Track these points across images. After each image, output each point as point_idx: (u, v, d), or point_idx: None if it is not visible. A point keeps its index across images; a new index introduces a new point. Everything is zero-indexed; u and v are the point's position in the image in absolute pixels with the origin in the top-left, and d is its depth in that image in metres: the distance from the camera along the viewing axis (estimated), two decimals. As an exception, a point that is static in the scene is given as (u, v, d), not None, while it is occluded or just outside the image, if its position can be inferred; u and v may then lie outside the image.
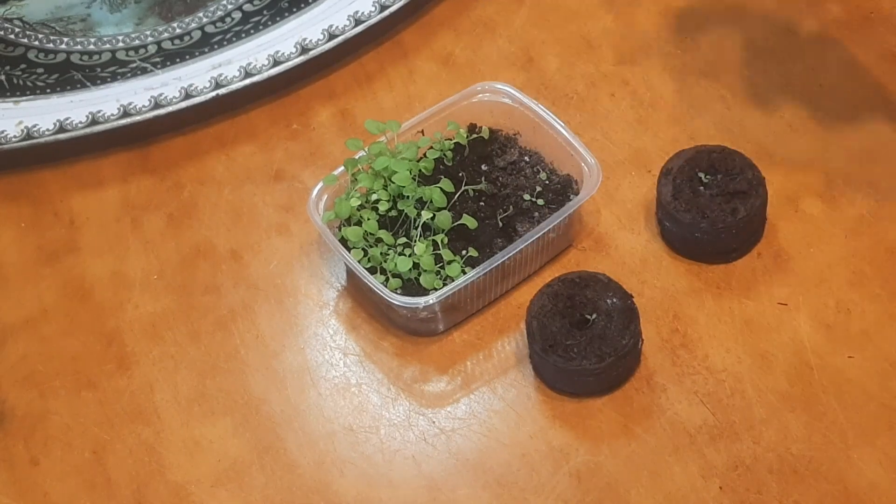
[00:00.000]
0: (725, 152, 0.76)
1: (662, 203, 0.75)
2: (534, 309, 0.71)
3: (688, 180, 0.75)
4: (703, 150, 0.76)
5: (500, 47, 0.89)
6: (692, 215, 0.74)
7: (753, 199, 0.74)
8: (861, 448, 0.67)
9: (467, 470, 0.69)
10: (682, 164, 0.76)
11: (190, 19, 0.91)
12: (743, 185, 0.74)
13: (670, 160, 0.77)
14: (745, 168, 0.75)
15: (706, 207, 0.74)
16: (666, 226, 0.76)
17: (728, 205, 0.74)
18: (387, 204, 0.74)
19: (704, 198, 0.74)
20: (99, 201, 0.84)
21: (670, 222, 0.75)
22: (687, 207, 0.74)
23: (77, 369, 0.76)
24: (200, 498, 0.70)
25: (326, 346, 0.75)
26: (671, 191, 0.75)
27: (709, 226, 0.73)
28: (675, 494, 0.67)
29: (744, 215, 0.73)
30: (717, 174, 0.75)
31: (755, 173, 0.75)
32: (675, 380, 0.71)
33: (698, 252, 0.76)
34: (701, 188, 0.75)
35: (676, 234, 0.76)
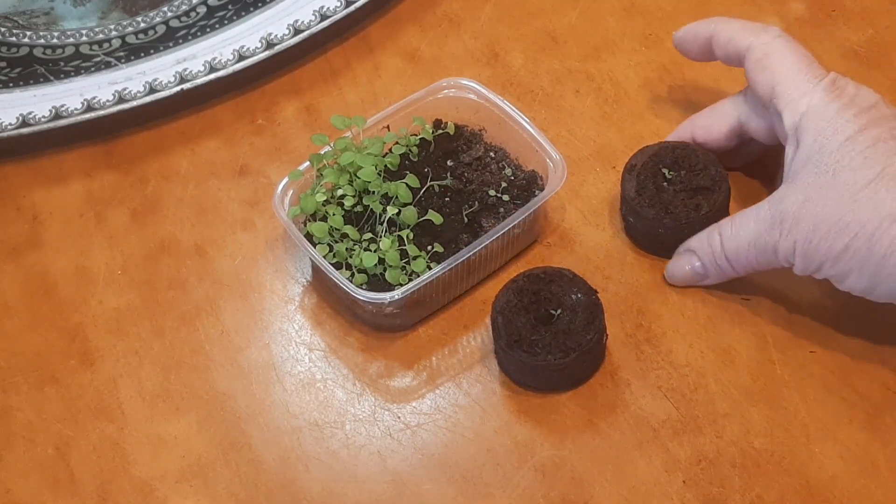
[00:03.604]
0: (689, 149, 0.76)
1: (626, 199, 0.75)
2: (499, 304, 0.71)
3: (651, 176, 0.75)
4: (667, 147, 0.76)
5: (466, 43, 0.89)
6: (655, 211, 0.74)
7: (716, 195, 0.74)
8: (822, 442, 0.68)
9: (433, 465, 0.69)
10: (646, 161, 0.76)
11: (154, 13, 0.91)
12: (706, 182, 0.74)
13: (634, 156, 0.77)
14: (708, 164, 0.75)
15: (669, 203, 0.74)
16: (630, 221, 0.77)
17: (691, 200, 0.74)
18: (352, 199, 0.74)
19: (668, 194, 0.74)
20: (62, 196, 0.83)
21: (634, 218, 0.76)
22: (650, 203, 0.74)
23: (40, 365, 0.75)
24: (165, 494, 0.69)
25: (292, 342, 0.75)
26: (635, 186, 0.75)
27: (672, 221, 0.74)
28: (639, 488, 0.67)
29: (707, 211, 0.73)
30: (680, 170, 0.75)
31: (718, 170, 0.75)
32: (640, 374, 0.71)
33: (661, 248, 0.76)
34: (664, 184, 0.75)
35: (640, 229, 0.76)
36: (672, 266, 0.75)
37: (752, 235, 0.69)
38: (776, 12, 0.89)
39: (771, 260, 0.69)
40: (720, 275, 0.73)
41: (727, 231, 0.71)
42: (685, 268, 0.74)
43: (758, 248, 0.69)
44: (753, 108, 0.75)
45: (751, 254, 0.70)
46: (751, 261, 0.70)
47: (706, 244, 0.72)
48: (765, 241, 0.68)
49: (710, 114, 0.78)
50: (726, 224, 0.71)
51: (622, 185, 0.76)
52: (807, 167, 0.67)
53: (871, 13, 0.88)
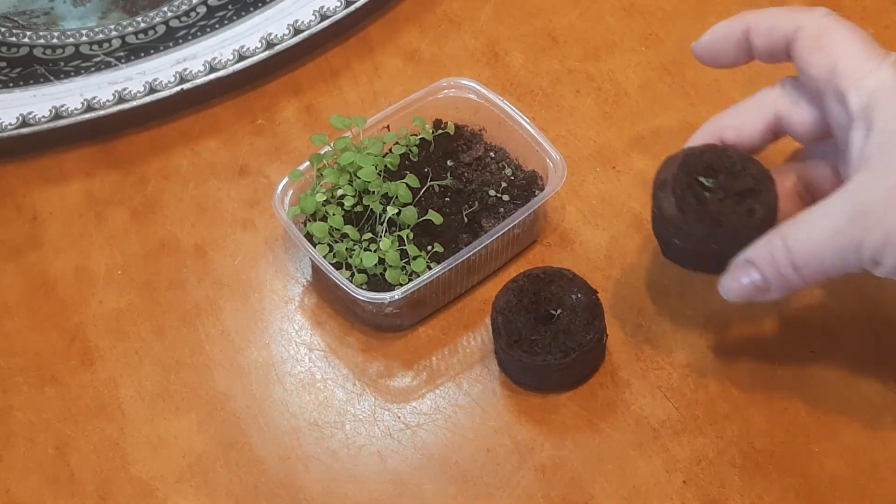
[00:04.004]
0: (719, 150, 0.67)
1: (667, 219, 0.65)
2: (499, 304, 0.71)
3: (687, 188, 0.65)
4: (693, 153, 0.67)
5: (466, 43, 0.89)
6: (705, 226, 0.64)
7: (766, 195, 0.65)
8: (822, 442, 0.68)
9: (433, 465, 0.69)
10: (676, 172, 0.66)
11: (154, 13, 0.91)
12: (750, 182, 0.65)
13: (661, 170, 0.67)
14: (746, 163, 0.66)
15: (718, 214, 0.64)
16: (674, 244, 0.67)
17: (741, 206, 0.64)
18: (352, 199, 0.74)
19: (713, 204, 0.64)
20: (62, 196, 0.83)
21: (681, 238, 0.66)
22: (697, 218, 0.64)
23: (40, 365, 0.75)
24: (165, 493, 0.69)
25: (292, 342, 0.75)
26: (674, 203, 0.65)
27: (726, 234, 0.64)
28: (640, 488, 0.67)
29: (762, 214, 0.64)
30: (717, 175, 0.65)
31: (759, 167, 0.66)
32: (640, 375, 0.71)
33: (715, 265, 0.66)
34: (706, 194, 0.65)
35: (689, 250, 0.66)
36: (727, 281, 0.65)
37: (825, 235, 0.60)
38: (776, 12, 0.88)
39: (850, 262, 0.60)
40: (784, 286, 0.63)
41: (792, 234, 0.62)
42: (743, 282, 0.64)
43: (835, 250, 0.60)
44: (797, 98, 0.67)
45: (825, 257, 0.61)
46: (824, 266, 0.61)
47: (766, 252, 0.63)
48: (844, 239, 0.60)
49: (739, 111, 0.69)
50: (789, 227, 0.62)
51: (656, 204, 0.66)
52: (885, 149, 0.59)
53: (871, 13, 0.88)
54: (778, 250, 0.62)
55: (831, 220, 0.60)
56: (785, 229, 0.62)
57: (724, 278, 0.65)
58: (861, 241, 0.59)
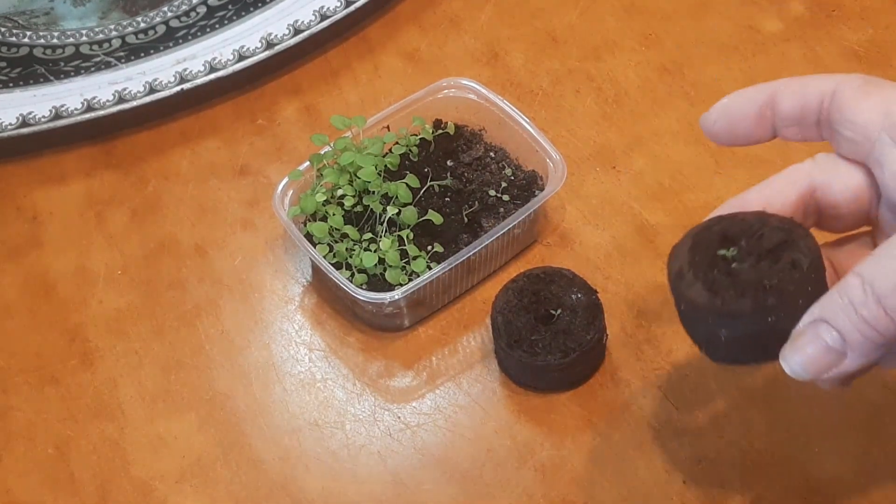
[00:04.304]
0: (725, 219, 0.56)
1: (701, 309, 0.54)
2: (499, 304, 0.71)
3: (711, 267, 0.54)
4: (700, 230, 0.56)
5: (466, 43, 0.89)
6: (751, 299, 0.52)
7: (802, 242, 0.54)
8: (822, 442, 0.68)
9: (433, 465, 0.69)
10: (690, 258, 0.55)
11: (154, 13, 0.91)
12: (777, 235, 0.54)
13: (671, 263, 0.56)
14: (762, 219, 0.55)
15: (760, 279, 0.53)
16: (721, 337, 0.55)
17: (781, 262, 0.53)
18: (352, 199, 0.74)
19: (748, 271, 0.53)
20: (62, 196, 0.83)
21: (727, 327, 0.54)
22: (738, 293, 0.53)
23: (40, 365, 0.75)
24: (165, 494, 0.69)
25: (292, 342, 0.75)
26: (703, 288, 0.54)
27: (779, 297, 0.52)
28: (640, 488, 0.67)
29: (809, 262, 0.53)
30: (737, 242, 0.55)
31: (778, 218, 0.56)
32: (640, 375, 0.71)
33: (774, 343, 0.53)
34: (733, 266, 0.54)
35: (739, 338, 0.54)
36: (791, 354, 0.53)
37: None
38: (776, 12, 0.88)
39: None
40: (867, 336, 0.51)
41: (870, 268, 0.51)
42: (811, 349, 0.52)
43: None
44: (835, 166, 0.58)
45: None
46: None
47: (838, 300, 0.51)
48: None
49: (766, 185, 0.59)
50: (864, 265, 0.51)
51: (682, 300, 0.55)
52: None
53: (871, 13, 0.88)
54: (853, 287, 0.51)
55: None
56: (860, 268, 0.51)
57: (787, 351, 0.53)
58: None
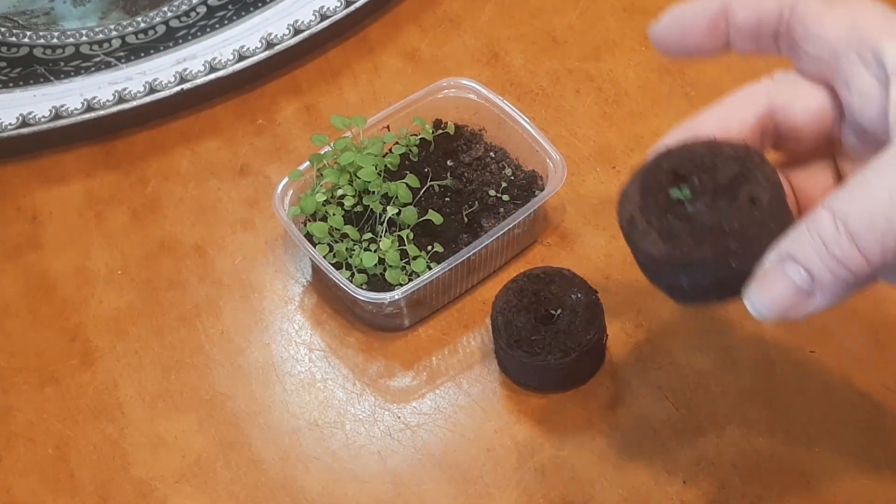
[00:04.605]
0: (676, 151, 0.52)
1: (658, 260, 0.51)
2: (499, 304, 0.71)
3: (665, 211, 0.50)
4: (648, 168, 0.53)
5: (466, 43, 0.89)
6: (709, 245, 0.49)
7: (759, 171, 0.50)
8: (823, 442, 0.68)
9: (432, 465, 0.69)
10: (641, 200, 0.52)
11: (154, 13, 0.91)
12: (733, 166, 0.50)
13: (621, 207, 0.53)
14: (714, 149, 0.51)
15: (718, 222, 0.49)
16: (682, 285, 0.52)
17: (739, 199, 0.49)
18: (352, 199, 0.74)
19: (704, 213, 0.49)
20: (62, 196, 0.83)
21: (688, 275, 0.50)
22: (696, 241, 0.49)
23: (40, 365, 0.75)
24: (164, 493, 0.69)
25: (292, 342, 0.75)
26: (658, 238, 0.50)
27: (741, 242, 0.49)
28: (640, 489, 0.67)
29: (770, 196, 0.49)
30: (689, 179, 0.51)
31: (732, 146, 0.52)
32: (640, 374, 0.71)
33: (738, 283, 0.50)
34: (688, 208, 0.50)
35: (701, 284, 0.51)
36: (757, 294, 0.50)
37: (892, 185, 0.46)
38: (776, 12, 0.88)
39: None
40: (837, 277, 0.47)
41: (841, 203, 0.46)
42: (779, 288, 0.48)
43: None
44: (796, 84, 0.54)
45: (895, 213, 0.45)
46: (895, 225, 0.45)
47: (807, 234, 0.47)
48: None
49: (721, 108, 0.55)
50: (836, 195, 0.47)
51: (637, 249, 0.52)
52: None
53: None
54: (824, 224, 0.46)
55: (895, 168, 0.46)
56: (829, 201, 0.47)
57: (752, 291, 0.50)
58: None
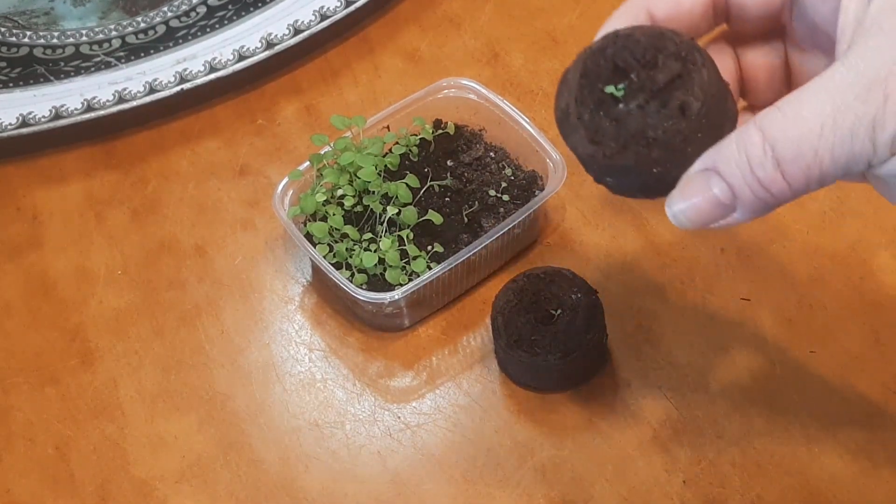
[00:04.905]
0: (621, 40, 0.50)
1: (584, 159, 0.50)
2: (499, 304, 0.71)
3: (598, 108, 0.49)
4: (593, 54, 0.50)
5: (466, 43, 0.89)
6: (632, 153, 0.48)
7: (697, 74, 0.48)
8: (823, 442, 0.68)
9: (432, 465, 0.69)
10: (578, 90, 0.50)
11: (154, 13, 0.91)
12: (673, 66, 0.48)
13: (559, 93, 0.51)
14: (659, 42, 0.49)
15: (643, 129, 0.48)
16: (608, 182, 0.51)
17: (669, 105, 0.48)
18: (352, 199, 0.74)
19: (633, 117, 0.48)
20: (62, 196, 0.83)
21: (613, 176, 0.50)
22: (620, 146, 0.48)
23: (40, 365, 0.75)
24: (165, 494, 0.69)
25: (292, 342, 0.75)
26: (587, 134, 0.49)
27: (663, 152, 0.48)
28: (640, 488, 0.67)
29: (700, 104, 0.48)
30: (629, 74, 0.49)
31: (677, 41, 0.49)
32: (640, 374, 0.71)
33: (664, 186, 0.50)
34: (621, 107, 0.48)
35: (628, 184, 0.51)
36: (677, 202, 0.49)
37: (824, 114, 0.45)
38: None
39: (857, 152, 0.45)
40: (758, 197, 0.47)
41: (771, 123, 0.46)
42: (698, 200, 0.48)
43: (838, 132, 0.45)
44: None
45: (824, 144, 0.45)
46: (822, 157, 0.45)
47: (734, 151, 0.47)
48: (851, 119, 0.45)
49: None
50: (765, 116, 0.46)
51: (567, 143, 0.51)
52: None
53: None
54: (753, 144, 0.46)
55: (831, 95, 0.45)
56: (761, 119, 0.46)
57: (674, 198, 0.49)
58: (874, 119, 0.45)
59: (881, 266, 0.74)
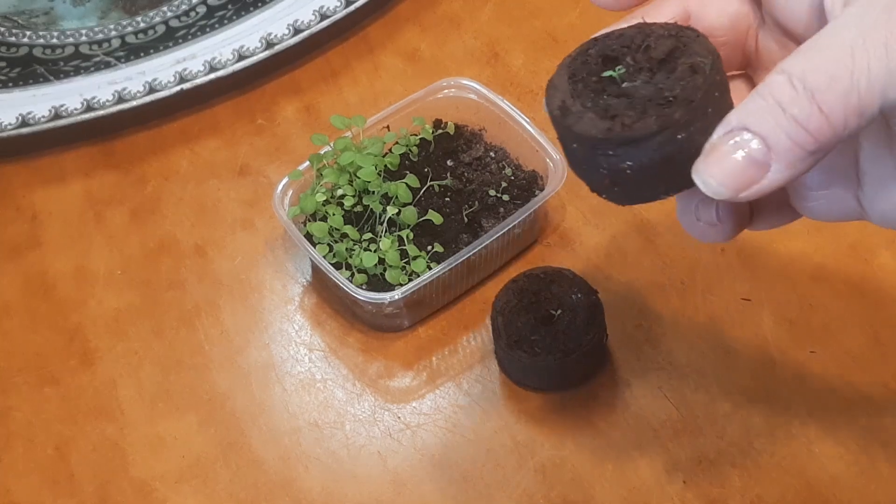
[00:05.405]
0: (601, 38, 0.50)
1: (597, 143, 0.46)
2: (499, 304, 0.71)
3: (599, 92, 0.47)
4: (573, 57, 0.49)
5: (466, 43, 0.89)
6: (652, 118, 0.45)
7: (696, 43, 0.47)
8: (823, 442, 0.68)
9: (432, 465, 0.69)
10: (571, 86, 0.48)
11: (154, 13, 0.91)
12: (667, 42, 0.47)
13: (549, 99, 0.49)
14: (643, 29, 0.49)
15: (659, 92, 0.46)
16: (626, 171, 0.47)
17: (678, 69, 0.46)
18: (352, 199, 0.74)
19: (642, 87, 0.46)
20: (62, 196, 0.83)
21: (632, 157, 0.46)
22: (638, 114, 0.45)
23: (39, 365, 0.75)
24: (164, 494, 0.69)
25: (291, 342, 0.75)
26: (595, 118, 0.46)
27: (685, 110, 0.45)
28: (640, 489, 0.67)
29: (710, 62, 0.46)
30: (622, 59, 0.48)
31: (661, 25, 0.49)
32: (640, 375, 0.71)
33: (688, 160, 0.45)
34: (624, 85, 0.47)
35: (648, 166, 0.46)
36: (709, 166, 0.45)
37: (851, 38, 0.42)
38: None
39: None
40: (795, 141, 0.43)
41: (797, 61, 0.43)
42: (732, 160, 0.44)
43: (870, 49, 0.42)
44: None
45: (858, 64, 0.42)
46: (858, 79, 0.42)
47: (760, 101, 0.43)
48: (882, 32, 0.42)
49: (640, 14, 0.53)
50: (789, 59, 0.43)
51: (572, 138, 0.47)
52: None
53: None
54: (780, 84, 0.43)
55: (854, 21, 0.42)
56: (784, 65, 0.43)
57: (701, 166, 0.45)
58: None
59: (881, 266, 0.74)
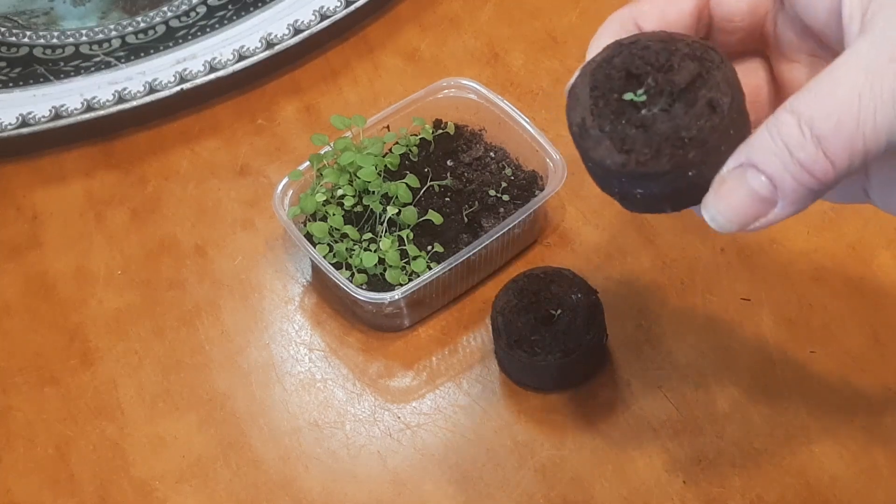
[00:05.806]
0: (626, 47, 0.49)
1: (614, 172, 0.48)
2: (499, 304, 0.71)
3: (618, 117, 0.47)
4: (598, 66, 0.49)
5: (466, 43, 0.89)
6: (668, 157, 0.46)
7: (717, 72, 0.47)
8: (823, 442, 0.68)
9: (432, 465, 0.69)
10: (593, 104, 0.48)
11: (154, 13, 0.91)
12: (690, 66, 0.47)
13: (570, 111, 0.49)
14: (669, 45, 0.48)
15: (677, 131, 0.46)
16: (637, 195, 0.49)
17: (698, 104, 0.46)
18: (352, 199, 0.74)
19: (662, 121, 0.46)
20: (62, 196, 0.83)
21: (644, 186, 0.48)
22: (654, 152, 0.46)
23: (40, 365, 0.75)
24: (165, 494, 0.69)
25: (292, 342, 0.75)
26: (612, 147, 0.47)
27: (700, 150, 0.46)
28: (640, 488, 0.67)
29: (730, 101, 0.46)
30: (644, 79, 0.48)
31: (687, 41, 0.48)
32: (640, 375, 0.71)
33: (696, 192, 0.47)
34: (643, 112, 0.47)
35: (658, 192, 0.48)
36: (715, 203, 0.47)
37: (859, 83, 0.43)
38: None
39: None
40: (801, 183, 0.45)
41: (805, 101, 0.44)
42: (739, 196, 0.46)
43: (877, 97, 0.43)
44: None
45: (864, 112, 0.43)
46: (864, 126, 0.43)
47: (769, 140, 0.45)
48: (890, 80, 0.43)
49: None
50: (798, 97, 0.44)
51: (590, 158, 0.49)
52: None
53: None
54: (788, 126, 0.44)
55: (863, 64, 0.43)
56: (790, 103, 0.45)
57: (710, 201, 0.47)
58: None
59: (881, 266, 0.74)
